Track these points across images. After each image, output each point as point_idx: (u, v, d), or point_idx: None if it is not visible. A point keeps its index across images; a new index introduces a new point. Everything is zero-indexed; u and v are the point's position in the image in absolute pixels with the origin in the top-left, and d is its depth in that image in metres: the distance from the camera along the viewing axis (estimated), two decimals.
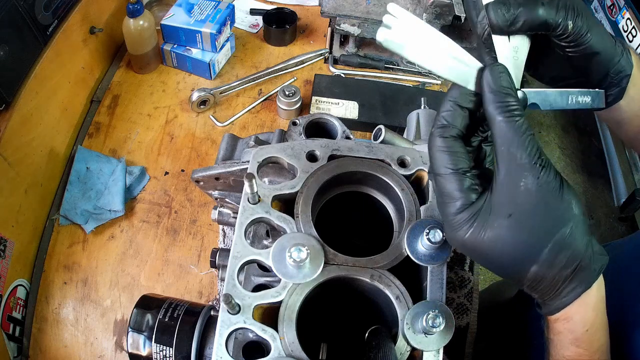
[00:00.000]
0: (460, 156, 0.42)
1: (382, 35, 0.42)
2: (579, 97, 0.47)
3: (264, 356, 0.47)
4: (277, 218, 0.53)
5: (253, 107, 1.18)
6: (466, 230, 0.41)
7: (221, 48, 1.21)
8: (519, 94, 0.43)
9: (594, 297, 0.43)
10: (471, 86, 0.43)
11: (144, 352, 0.56)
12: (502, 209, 0.40)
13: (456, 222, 0.42)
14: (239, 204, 0.56)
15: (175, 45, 1.20)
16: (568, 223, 0.40)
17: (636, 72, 0.48)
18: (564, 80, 0.50)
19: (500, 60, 0.43)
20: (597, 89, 0.49)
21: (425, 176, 0.57)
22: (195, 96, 1.13)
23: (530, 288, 0.43)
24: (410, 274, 0.52)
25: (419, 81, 1.26)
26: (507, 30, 0.42)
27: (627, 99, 0.49)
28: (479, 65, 0.43)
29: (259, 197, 0.54)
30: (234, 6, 1.22)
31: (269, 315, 0.50)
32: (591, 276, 0.41)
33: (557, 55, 0.47)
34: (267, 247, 0.51)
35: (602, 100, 0.49)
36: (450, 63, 0.42)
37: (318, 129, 0.73)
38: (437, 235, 0.48)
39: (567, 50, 0.45)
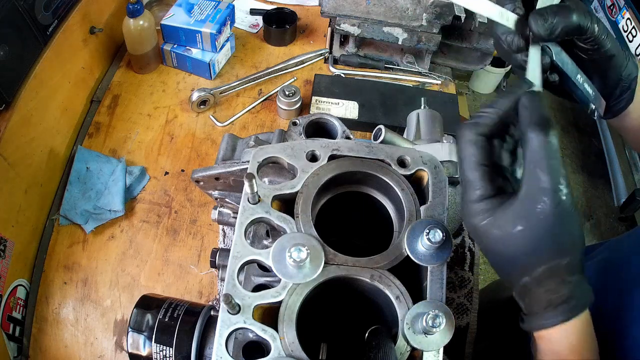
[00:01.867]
0: (485, 151, 0.44)
1: None
2: (586, 84, 0.50)
3: (264, 356, 0.47)
4: (277, 218, 0.53)
5: (253, 107, 1.18)
6: (480, 220, 0.44)
7: (221, 48, 1.21)
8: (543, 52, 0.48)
9: (576, 327, 0.44)
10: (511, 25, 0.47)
11: (144, 352, 0.56)
12: (516, 218, 0.42)
13: (472, 210, 0.44)
14: (239, 204, 0.56)
15: (175, 45, 1.20)
16: (568, 255, 0.42)
17: None
18: None
19: (531, 69, 0.47)
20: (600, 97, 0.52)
21: (425, 176, 0.57)
22: (195, 96, 1.13)
23: (519, 296, 0.46)
24: (410, 274, 0.52)
25: (419, 81, 1.26)
26: (547, 39, 0.46)
27: (635, 104, 0.53)
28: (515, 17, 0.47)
29: (259, 197, 0.53)
30: (234, 6, 1.22)
31: (269, 315, 0.50)
32: (574, 310, 0.43)
33: (579, 60, 0.50)
34: (267, 247, 0.51)
35: (602, 108, 0.52)
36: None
37: (318, 129, 0.73)
38: (437, 235, 0.48)
39: (590, 52, 0.49)
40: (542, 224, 0.41)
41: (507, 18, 0.48)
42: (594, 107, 0.52)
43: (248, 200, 0.53)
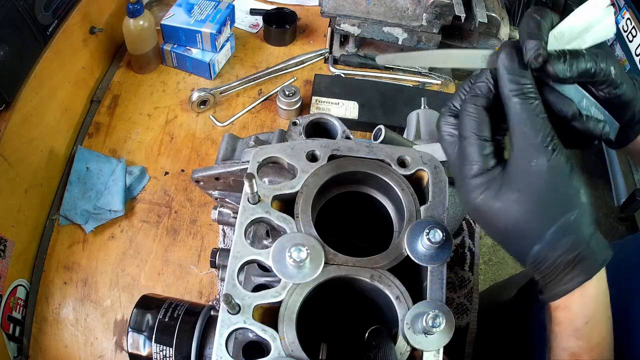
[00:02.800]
0: (485, 124, 0.44)
1: None
2: (593, 107, 0.47)
3: (264, 356, 0.47)
4: (277, 218, 0.53)
5: (253, 107, 1.18)
6: (478, 194, 0.43)
7: (221, 48, 1.21)
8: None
9: (595, 289, 0.43)
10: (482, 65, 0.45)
11: (144, 352, 0.56)
12: (513, 183, 0.42)
13: (471, 186, 0.44)
14: (239, 204, 0.56)
15: (175, 45, 1.20)
16: (574, 209, 0.41)
17: None
18: None
19: None
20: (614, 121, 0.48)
21: (425, 176, 0.57)
22: (195, 96, 1.13)
23: (533, 268, 0.44)
24: (410, 274, 0.52)
25: (419, 81, 1.26)
26: (562, 82, 0.44)
27: None
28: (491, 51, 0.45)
29: (259, 197, 0.54)
30: (234, 6, 1.22)
31: (269, 315, 0.50)
32: (593, 267, 0.42)
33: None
34: (267, 247, 0.51)
35: (615, 132, 0.48)
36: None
37: (318, 129, 0.73)
38: (437, 235, 0.48)
39: (603, 94, 0.46)
40: (540, 182, 0.40)
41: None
42: (603, 131, 0.47)
43: (248, 200, 0.53)
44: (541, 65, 0.42)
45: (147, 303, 0.60)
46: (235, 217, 0.62)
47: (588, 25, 0.45)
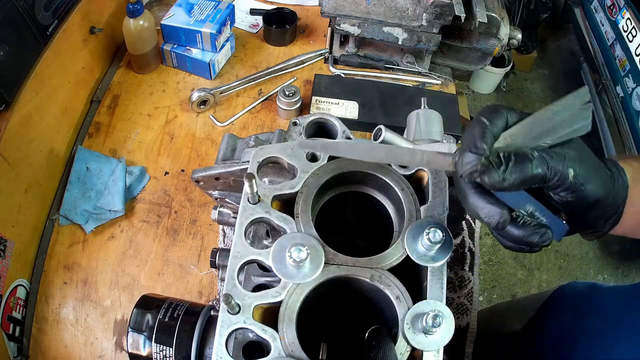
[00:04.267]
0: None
1: None
2: (536, 213, 0.45)
3: (264, 356, 0.47)
4: (277, 218, 0.53)
5: (253, 107, 1.18)
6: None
7: (221, 48, 1.21)
8: None
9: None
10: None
11: (144, 352, 0.56)
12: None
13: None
14: (239, 204, 0.56)
15: (175, 45, 1.20)
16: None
17: (632, 186, 0.48)
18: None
19: None
20: (561, 219, 0.46)
21: (425, 176, 0.57)
22: (195, 96, 1.13)
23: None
24: (410, 274, 0.52)
25: (419, 81, 1.26)
26: (501, 190, 0.42)
27: (626, 217, 0.49)
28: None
29: (259, 197, 0.54)
30: (234, 6, 1.22)
31: (269, 315, 0.50)
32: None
33: (551, 202, 0.46)
34: (267, 247, 0.51)
35: (561, 234, 0.46)
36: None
37: (318, 129, 0.73)
38: (437, 235, 0.48)
39: (559, 197, 0.44)
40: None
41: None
42: (541, 239, 0.44)
43: (248, 200, 0.53)
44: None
45: (147, 303, 0.60)
46: (235, 217, 0.62)
47: (563, 120, 0.43)
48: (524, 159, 0.41)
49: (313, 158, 0.57)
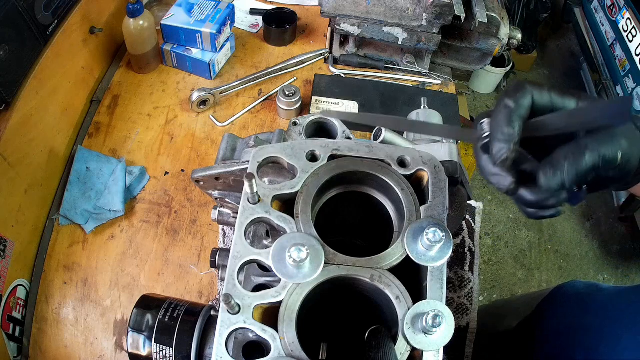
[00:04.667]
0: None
1: None
2: None
3: (264, 356, 0.47)
4: (277, 218, 0.53)
5: (253, 107, 1.18)
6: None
7: (221, 48, 1.21)
8: None
9: None
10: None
11: (144, 352, 0.56)
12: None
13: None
14: (239, 204, 0.56)
15: (175, 45, 1.20)
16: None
17: None
18: None
19: None
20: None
21: (425, 176, 0.57)
22: (195, 96, 1.13)
23: None
24: (410, 274, 0.52)
25: (419, 81, 1.26)
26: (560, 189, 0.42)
27: None
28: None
29: (259, 197, 0.53)
30: (234, 6, 1.22)
31: (269, 315, 0.50)
32: None
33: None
34: (267, 247, 0.51)
35: (578, 200, 0.46)
36: None
37: (318, 129, 0.73)
38: (437, 235, 0.48)
39: (602, 174, 0.43)
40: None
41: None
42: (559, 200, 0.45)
43: (248, 200, 0.53)
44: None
45: (147, 303, 0.60)
46: (235, 217, 0.62)
47: (600, 116, 0.41)
48: (576, 153, 0.40)
49: (313, 158, 0.57)
